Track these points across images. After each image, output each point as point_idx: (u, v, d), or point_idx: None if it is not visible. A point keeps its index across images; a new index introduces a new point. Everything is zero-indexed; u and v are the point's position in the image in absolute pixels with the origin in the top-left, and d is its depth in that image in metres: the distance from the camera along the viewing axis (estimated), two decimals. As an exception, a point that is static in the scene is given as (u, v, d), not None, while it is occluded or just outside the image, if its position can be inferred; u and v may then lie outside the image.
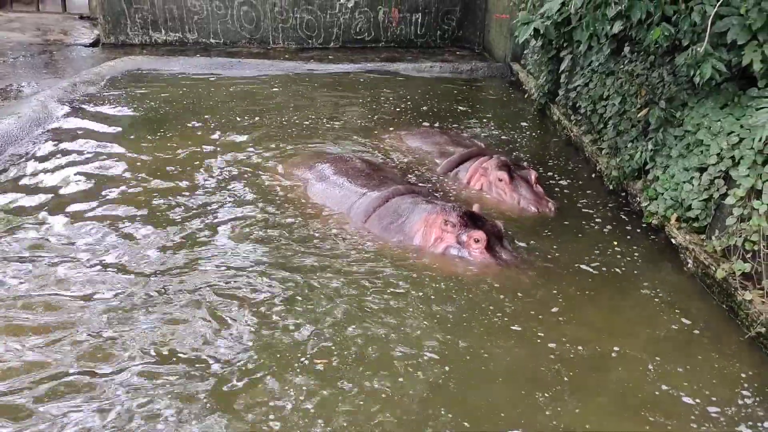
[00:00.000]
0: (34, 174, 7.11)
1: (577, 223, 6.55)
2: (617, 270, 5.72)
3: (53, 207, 6.38)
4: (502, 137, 8.95)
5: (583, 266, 5.75)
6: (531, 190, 6.85)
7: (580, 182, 7.52)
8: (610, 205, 6.96)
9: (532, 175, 6.96)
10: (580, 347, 4.70)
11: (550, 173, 7.75)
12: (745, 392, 4.34)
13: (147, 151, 7.83)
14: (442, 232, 5.68)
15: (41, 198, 6.56)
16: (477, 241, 5.46)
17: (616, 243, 6.20)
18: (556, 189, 7.31)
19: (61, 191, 6.73)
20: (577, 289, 5.42)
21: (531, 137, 9.03)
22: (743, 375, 4.51)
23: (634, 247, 6.12)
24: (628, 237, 6.31)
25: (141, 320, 4.74)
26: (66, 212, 6.28)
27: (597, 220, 6.64)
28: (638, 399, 4.25)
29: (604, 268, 5.73)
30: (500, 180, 6.92)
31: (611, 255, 5.97)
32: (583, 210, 6.84)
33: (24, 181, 6.93)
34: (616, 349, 4.70)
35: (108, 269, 5.35)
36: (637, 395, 4.28)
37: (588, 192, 7.27)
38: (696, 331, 4.96)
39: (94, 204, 6.45)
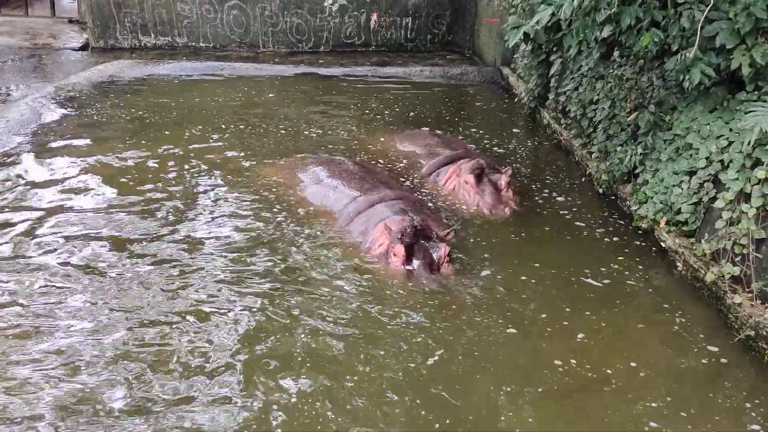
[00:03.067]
0: (17, 177, 7.07)
1: (566, 227, 6.56)
2: (606, 273, 5.73)
3: (35, 212, 6.34)
4: (492, 141, 8.95)
5: (571, 270, 5.76)
6: (495, 193, 6.90)
7: (570, 186, 7.53)
8: (599, 208, 6.98)
9: (503, 180, 7.00)
10: (547, 347, 4.71)
11: (539, 177, 7.77)
12: (735, 395, 4.37)
13: (134, 155, 7.78)
14: (384, 238, 5.78)
15: (22, 203, 6.52)
16: (395, 254, 5.61)
17: (605, 247, 6.22)
18: (546, 192, 7.32)
19: (45, 197, 6.68)
20: (564, 293, 5.43)
21: (521, 141, 9.04)
22: (732, 378, 4.54)
23: (624, 251, 6.13)
24: (618, 240, 6.32)
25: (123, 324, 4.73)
26: (47, 218, 6.24)
27: (586, 224, 6.64)
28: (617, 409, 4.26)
29: (592, 272, 5.74)
30: (467, 182, 7.01)
31: (601, 259, 5.98)
32: (573, 214, 6.84)
33: (5, 186, 6.88)
34: (599, 350, 4.73)
35: (86, 276, 5.34)
36: (617, 403, 4.30)
37: (578, 196, 7.28)
38: (686, 334, 4.97)
39: (76, 211, 6.42)
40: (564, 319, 5.07)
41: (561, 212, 6.88)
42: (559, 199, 7.19)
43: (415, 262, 5.55)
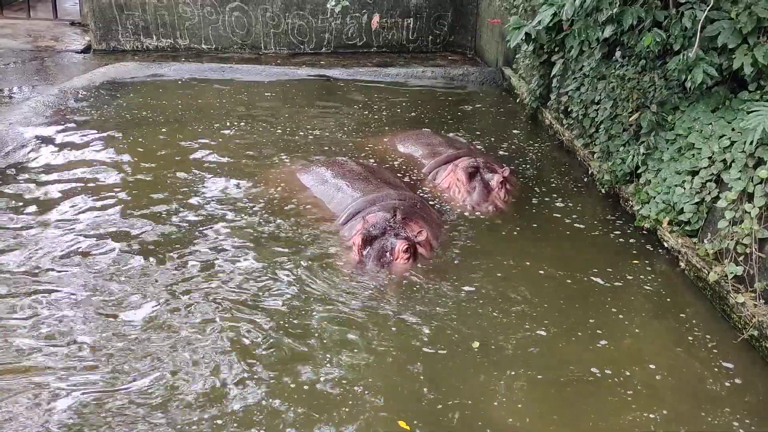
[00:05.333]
0: (20, 179, 7.08)
1: (569, 228, 6.57)
2: (608, 274, 5.74)
3: (37, 215, 6.36)
4: (494, 142, 8.95)
5: (574, 270, 5.77)
6: (484, 191, 6.92)
7: (572, 186, 7.54)
8: (602, 209, 6.98)
9: (495, 179, 7.00)
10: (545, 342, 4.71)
11: (541, 177, 7.77)
12: (736, 395, 4.38)
13: (135, 157, 7.80)
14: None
15: (25, 206, 6.53)
16: (353, 244, 5.79)
17: (608, 247, 6.22)
18: (547, 193, 7.32)
19: (47, 199, 6.70)
20: (566, 291, 5.45)
21: (522, 141, 9.04)
22: (736, 377, 4.55)
23: (627, 251, 6.13)
24: (621, 241, 6.32)
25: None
26: (51, 220, 6.26)
27: (589, 224, 6.65)
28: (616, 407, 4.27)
29: (595, 272, 5.74)
30: (459, 180, 7.04)
31: (603, 259, 5.98)
32: (575, 214, 6.85)
33: (8, 189, 6.89)
34: (602, 352, 4.74)
35: (93, 283, 5.35)
36: (618, 401, 4.31)
37: (580, 196, 7.28)
38: (689, 334, 4.98)
39: (78, 214, 6.43)
40: (568, 320, 5.08)
41: (563, 213, 6.87)
42: (561, 199, 7.18)
43: (366, 254, 5.64)
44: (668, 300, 5.41)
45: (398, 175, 7.53)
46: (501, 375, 4.47)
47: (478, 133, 9.31)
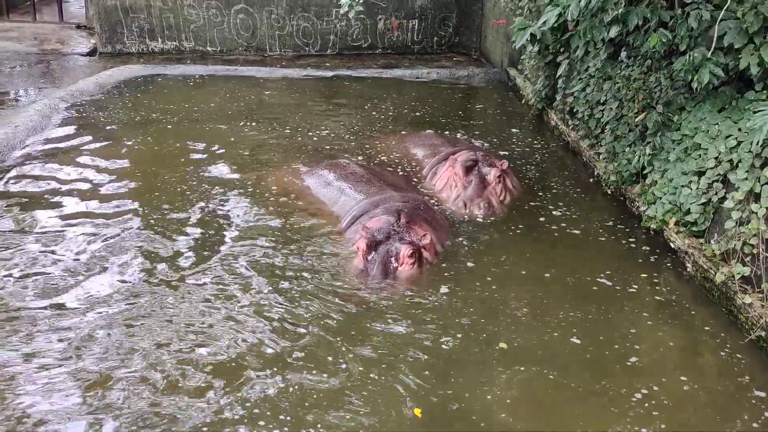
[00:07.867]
0: (26, 182, 7.11)
1: (575, 229, 6.55)
2: (614, 274, 5.72)
3: (43, 219, 6.37)
4: (499, 142, 8.95)
5: (581, 272, 5.76)
6: (480, 187, 6.83)
7: (578, 187, 7.52)
8: (608, 209, 6.96)
9: (492, 173, 6.92)
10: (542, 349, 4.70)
11: (546, 178, 7.76)
12: (748, 395, 4.36)
13: (142, 160, 7.83)
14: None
15: (32, 209, 6.55)
16: (357, 248, 5.75)
17: (614, 248, 6.21)
18: (553, 194, 7.31)
19: (53, 201, 6.73)
20: (574, 294, 5.44)
21: (528, 142, 9.03)
22: (745, 379, 4.54)
23: (633, 252, 6.12)
24: (626, 241, 6.31)
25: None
26: (56, 226, 6.27)
27: (595, 225, 6.63)
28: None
29: (602, 273, 5.73)
30: (456, 174, 6.99)
31: (610, 260, 5.97)
32: (581, 215, 6.83)
33: (13, 191, 6.93)
34: (606, 354, 4.72)
35: (101, 283, 5.39)
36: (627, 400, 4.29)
37: (586, 197, 7.27)
38: (697, 335, 4.96)
39: (81, 216, 6.47)
40: (572, 321, 5.07)
41: (569, 214, 6.86)
42: (566, 200, 7.17)
43: (370, 259, 5.60)
44: (675, 301, 5.39)
45: (400, 174, 7.54)
46: (527, 380, 4.47)
47: (483, 134, 9.30)
